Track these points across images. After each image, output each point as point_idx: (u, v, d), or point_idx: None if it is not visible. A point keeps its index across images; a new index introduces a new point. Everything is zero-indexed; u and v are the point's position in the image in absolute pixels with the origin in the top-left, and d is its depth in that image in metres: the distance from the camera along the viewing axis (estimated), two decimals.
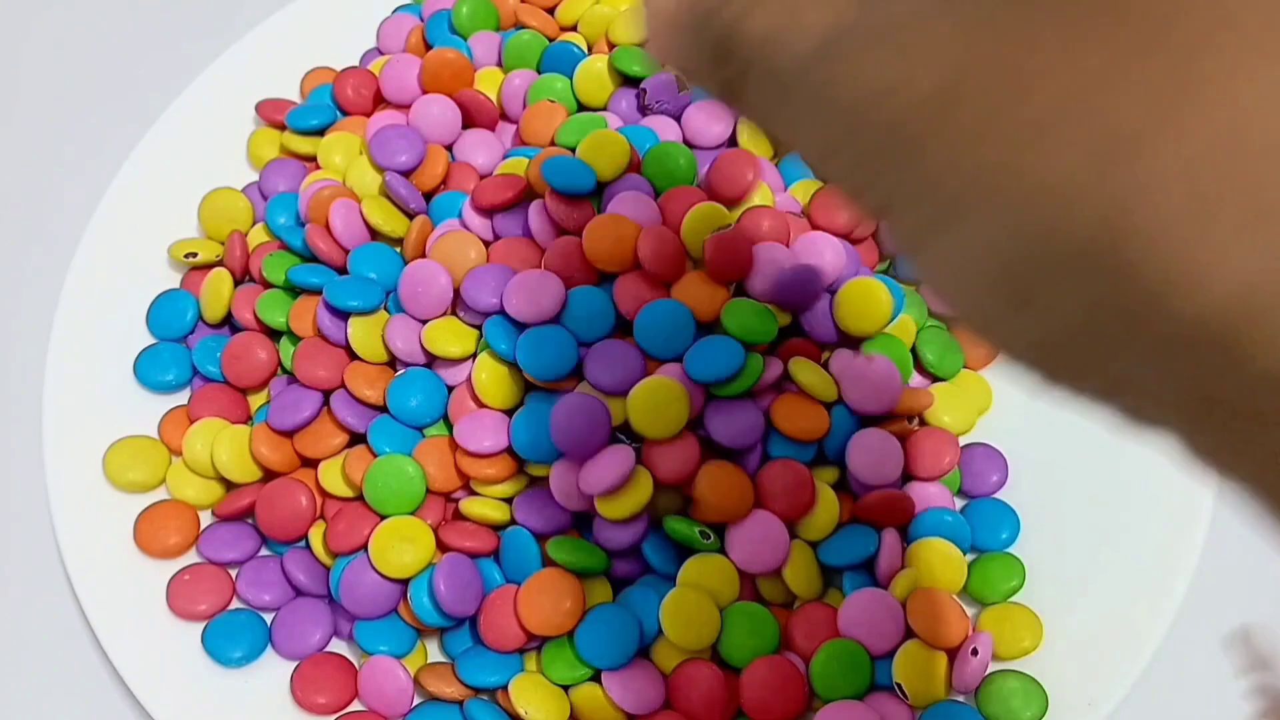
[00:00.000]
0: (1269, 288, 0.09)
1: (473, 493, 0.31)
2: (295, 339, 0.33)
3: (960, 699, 0.29)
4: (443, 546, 0.30)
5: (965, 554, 0.31)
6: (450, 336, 0.32)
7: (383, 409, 0.32)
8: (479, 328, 0.32)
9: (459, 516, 0.31)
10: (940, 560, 0.30)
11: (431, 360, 0.32)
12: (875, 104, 0.12)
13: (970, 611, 0.30)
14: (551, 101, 0.37)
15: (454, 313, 0.33)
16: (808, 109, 0.14)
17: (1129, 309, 0.10)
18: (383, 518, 0.30)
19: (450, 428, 0.32)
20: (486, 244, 0.34)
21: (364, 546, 0.30)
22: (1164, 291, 0.10)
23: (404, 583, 0.30)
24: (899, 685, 0.28)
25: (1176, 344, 0.10)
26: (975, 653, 0.28)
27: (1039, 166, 0.11)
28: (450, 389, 0.32)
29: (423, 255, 0.33)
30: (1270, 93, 0.10)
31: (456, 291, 0.33)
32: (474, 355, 0.32)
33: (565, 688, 0.29)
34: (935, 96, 0.12)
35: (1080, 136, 0.10)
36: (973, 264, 0.12)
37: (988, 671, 0.29)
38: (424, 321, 0.33)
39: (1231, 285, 0.10)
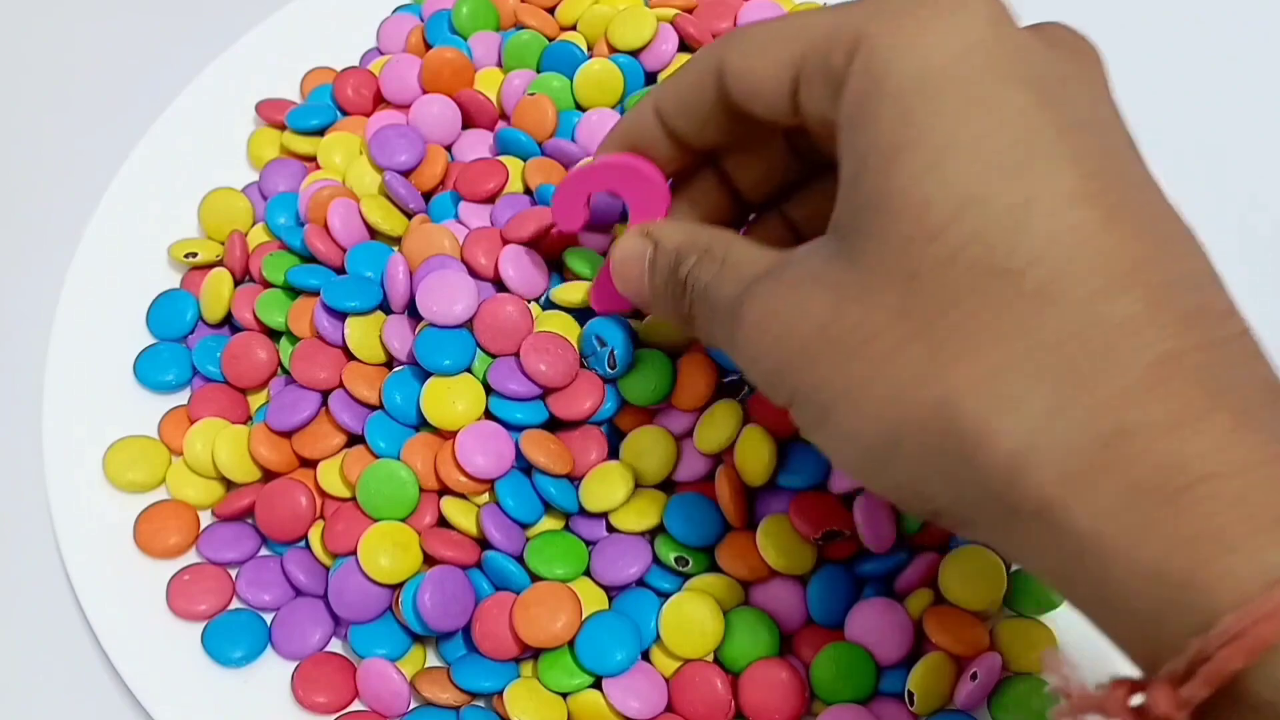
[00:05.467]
0: (1027, 454, 0.17)
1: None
2: (295, 339, 0.33)
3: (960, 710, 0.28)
4: (427, 555, 0.30)
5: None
6: None
7: (380, 409, 0.31)
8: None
9: (444, 519, 0.30)
10: (979, 567, 0.29)
11: None
12: (778, 337, 0.20)
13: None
14: (531, 95, 0.36)
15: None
16: (727, 335, 0.22)
17: (950, 468, 0.18)
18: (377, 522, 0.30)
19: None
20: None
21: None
22: (972, 453, 0.17)
23: (393, 588, 0.30)
24: (910, 693, 0.28)
25: (979, 483, 0.17)
26: (975, 677, 0.28)
27: (881, 386, 0.19)
28: None
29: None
30: (1003, 361, 0.17)
31: None
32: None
33: (563, 695, 0.29)
34: (814, 338, 0.20)
35: (905, 371, 0.18)
36: (844, 445, 0.20)
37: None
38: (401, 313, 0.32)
39: (1005, 451, 0.17)
